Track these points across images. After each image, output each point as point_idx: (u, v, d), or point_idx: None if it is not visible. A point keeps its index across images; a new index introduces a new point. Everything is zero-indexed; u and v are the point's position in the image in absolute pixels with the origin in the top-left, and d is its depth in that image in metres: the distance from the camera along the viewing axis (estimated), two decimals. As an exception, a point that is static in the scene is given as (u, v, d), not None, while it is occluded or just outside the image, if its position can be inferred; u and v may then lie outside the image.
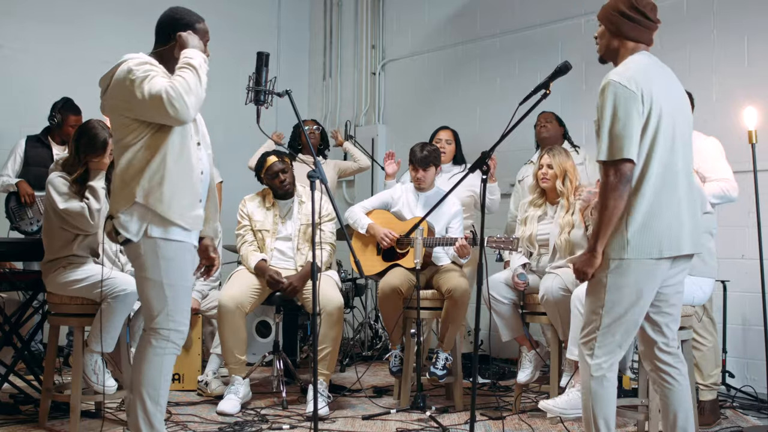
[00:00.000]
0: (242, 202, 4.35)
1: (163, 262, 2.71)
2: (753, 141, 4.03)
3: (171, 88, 2.59)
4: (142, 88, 2.61)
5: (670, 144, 2.53)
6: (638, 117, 2.46)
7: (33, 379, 3.90)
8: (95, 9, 5.90)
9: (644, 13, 2.57)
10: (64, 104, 4.95)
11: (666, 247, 2.50)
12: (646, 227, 2.48)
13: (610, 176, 2.45)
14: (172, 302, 2.73)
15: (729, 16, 4.70)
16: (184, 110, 2.61)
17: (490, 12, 6.01)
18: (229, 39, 6.40)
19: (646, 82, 2.49)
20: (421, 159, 4.28)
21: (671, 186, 2.53)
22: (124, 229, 2.68)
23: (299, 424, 3.64)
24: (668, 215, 2.51)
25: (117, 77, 2.68)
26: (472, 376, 2.87)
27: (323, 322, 3.88)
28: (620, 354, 2.58)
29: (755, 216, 4.08)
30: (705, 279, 3.36)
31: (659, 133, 2.50)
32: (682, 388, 2.65)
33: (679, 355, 2.68)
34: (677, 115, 2.57)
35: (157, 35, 2.84)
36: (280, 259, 4.25)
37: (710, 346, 3.78)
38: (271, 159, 4.24)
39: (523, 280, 3.83)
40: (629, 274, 2.50)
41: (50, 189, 3.44)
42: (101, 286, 3.21)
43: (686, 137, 2.62)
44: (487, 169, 2.88)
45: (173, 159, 2.72)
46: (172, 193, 2.70)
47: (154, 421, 2.71)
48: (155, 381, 2.71)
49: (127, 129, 2.71)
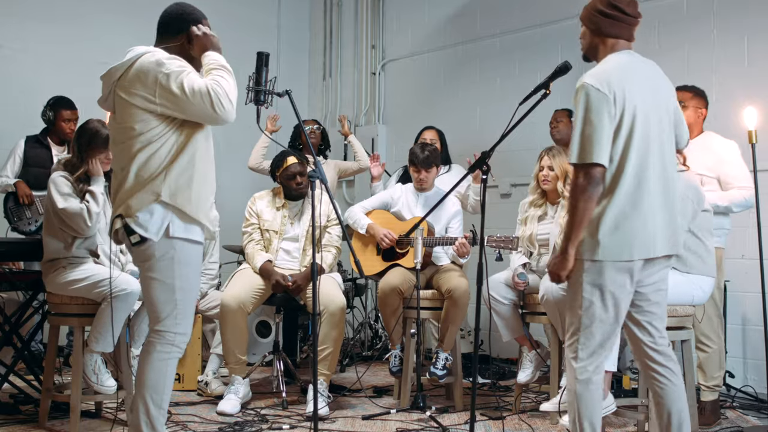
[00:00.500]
0: (252, 200, 4.35)
1: (177, 266, 2.65)
2: (753, 141, 4.03)
3: (217, 86, 2.54)
4: (180, 82, 2.53)
5: (645, 145, 2.52)
6: (610, 120, 2.46)
7: (33, 379, 3.90)
8: (95, 9, 5.89)
9: (621, 8, 2.58)
10: (56, 101, 4.95)
11: (637, 249, 2.50)
12: (617, 229, 2.49)
13: (580, 179, 2.47)
14: (181, 306, 2.69)
15: (729, 16, 4.70)
16: (230, 110, 2.58)
17: (490, 12, 6.01)
18: (229, 39, 6.34)
19: (621, 81, 2.49)
20: (424, 160, 4.28)
21: (645, 188, 2.52)
22: (143, 228, 2.59)
23: (299, 424, 3.64)
24: (641, 217, 2.50)
25: (141, 68, 2.58)
26: (472, 376, 2.87)
27: (325, 322, 3.88)
28: (603, 355, 2.57)
29: (755, 216, 4.08)
30: (705, 278, 3.36)
31: (633, 134, 2.50)
32: (676, 388, 2.65)
33: (670, 354, 2.67)
34: (655, 114, 2.56)
35: (164, 30, 2.77)
36: (286, 260, 4.25)
37: (716, 348, 3.78)
38: (291, 160, 4.21)
39: (523, 279, 3.83)
40: (603, 276, 2.50)
41: (51, 188, 3.44)
42: (110, 285, 3.19)
43: (665, 136, 2.60)
44: (488, 169, 2.89)
45: (201, 158, 2.69)
46: (199, 194, 2.67)
47: (156, 425, 2.70)
48: (159, 385, 2.68)
49: (148, 124, 2.60)
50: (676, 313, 3.26)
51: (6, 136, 5.15)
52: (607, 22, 2.59)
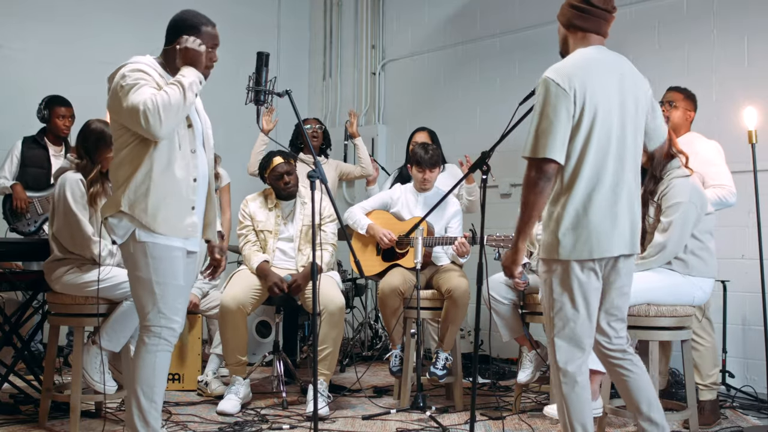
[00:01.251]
0: (244, 203, 4.35)
1: (152, 261, 2.75)
2: (753, 141, 4.03)
3: (151, 101, 2.60)
4: (127, 96, 2.63)
5: (605, 144, 2.50)
6: (567, 117, 2.44)
7: (33, 379, 3.90)
8: (95, 9, 5.89)
9: (593, 3, 2.57)
10: (50, 99, 4.96)
11: (596, 248, 2.50)
12: (575, 228, 2.49)
13: (532, 173, 2.46)
14: (161, 299, 2.76)
15: (729, 16, 4.70)
16: (156, 126, 2.61)
17: (490, 12, 6.01)
18: (229, 39, 6.35)
19: (583, 78, 2.47)
20: (429, 160, 4.28)
21: (605, 187, 2.51)
22: (112, 231, 2.76)
23: (299, 424, 3.64)
24: (599, 217, 2.50)
25: (114, 80, 2.72)
26: (472, 376, 2.88)
27: (324, 322, 3.88)
28: (583, 356, 2.57)
29: (755, 216, 4.08)
30: (705, 279, 3.36)
31: (593, 133, 2.48)
32: (639, 377, 2.66)
33: (626, 349, 2.69)
34: (618, 112, 2.53)
35: (166, 36, 2.88)
36: (282, 259, 4.25)
37: (708, 345, 3.78)
38: (277, 160, 4.21)
39: (523, 280, 3.82)
40: (568, 275, 2.52)
41: (67, 192, 3.38)
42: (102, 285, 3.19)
43: (629, 135, 2.57)
44: (488, 169, 2.89)
45: (160, 170, 2.74)
46: (157, 205, 2.73)
47: (149, 419, 2.72)
48: (149, 378, 2.74)
49: (119, 132, 2.77)
50: (676, 313, 3.27)
51: (6, 136, 5.15)
52: (577, 15, 2.59)
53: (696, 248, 3.32)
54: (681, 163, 3.31)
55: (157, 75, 2.77)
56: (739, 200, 3.90)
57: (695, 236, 3.31)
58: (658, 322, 3.23)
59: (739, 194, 3.86)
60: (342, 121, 6.97)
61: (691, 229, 3.26)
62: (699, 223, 3.29)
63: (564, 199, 2.50)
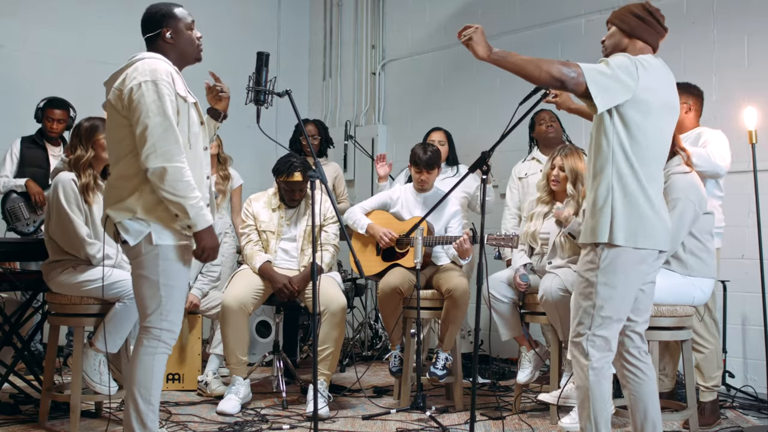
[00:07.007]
0: (247, 202, 4.34)
1: (163, 263, 2.71)
2: (753, 141, 4.03)
3: (178, 169, 2.61)
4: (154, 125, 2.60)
5: (664, 141, 2.63)
6: (629, 78, 2.50)
7: (33, 379, 3.90)
8: (95, 9, 5.90)
9: (656, 17, 2.66)
10: (49, 100, 5.00)
11: (650, 239, 2.57)
12: (630, 216, 2.55)
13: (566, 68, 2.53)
14: (165, 302, 2.74)
15: (729, 16, 4.70)
16: (156, 182, 2.61)
17: (490, 12, 6.01)
18: (229, 39, 6.41)
19: (648, 72, 2.55)
20: (427, 161, 4.27)
21: (657, 183, 2.62)
22: (127, 233, 2.68)
23: (299, 424, 3.64)
24: (657, 207, 2.60)
25: (134, 84, 2.64)
26: (472, 376, 2.88)
27: (326, 322, 3.88)
28: (612, 350, 2.60)
29: (755, 216, 4.08)
30: (705, 279, 3.35)
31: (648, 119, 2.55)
32: (649, 384, 2.70)
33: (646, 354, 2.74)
34: (669, 117, 2.64)
35: (144, 30, 2.82)
36: (284, 259, 4.24)
37: (712, 348, 3.76)
38: (297, 176, 4.13)
39: (525, 281, 3.82)
40: (617, 261, 2.55)
41: (60, 193, 3.39)
42: (102, 286, 3.20)
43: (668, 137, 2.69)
44: (488, 169, 2.88)
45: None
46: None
47: (146, 421, 2.72)
48: (146, 380, 2.73)
49: (123, 131, 2.70)
50: (676, 313, 3.26)
51: (6, 136, 5.15)
52: (643, 27, 2.65)
53: (695, 248, 3.31)
54: (682, 161, 3.30)
55: (179, 81, 2.73)
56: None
57: (695, 236, 3.30)
58: (658, 322, 3.22)
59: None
60: (342, 121, 6.99)
61: (688, 226, 3.24)
62: (697, 221, 3.28)
63: (618, 185, 2.54)
